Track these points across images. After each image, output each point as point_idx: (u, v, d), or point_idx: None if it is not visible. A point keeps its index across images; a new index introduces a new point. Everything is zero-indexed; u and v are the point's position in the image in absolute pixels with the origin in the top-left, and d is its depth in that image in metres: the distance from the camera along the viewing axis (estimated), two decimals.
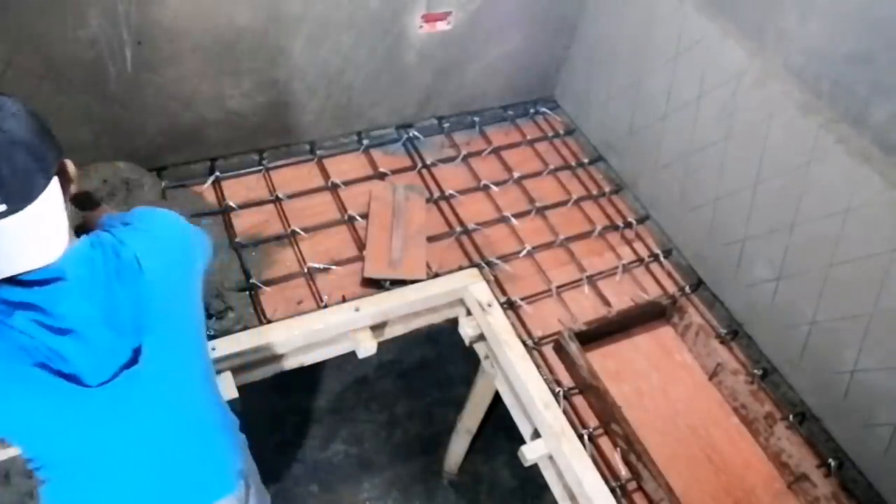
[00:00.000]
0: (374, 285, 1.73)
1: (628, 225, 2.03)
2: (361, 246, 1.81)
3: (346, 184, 1.97)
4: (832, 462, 1.55)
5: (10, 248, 0.87)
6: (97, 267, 0.95)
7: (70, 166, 0.99)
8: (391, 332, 1.80)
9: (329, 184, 1.96)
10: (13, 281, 0.90)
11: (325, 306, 1.65)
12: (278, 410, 2.55)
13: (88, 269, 0.94)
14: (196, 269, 1.12)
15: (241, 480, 1.28)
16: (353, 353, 1.72)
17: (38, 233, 0.89)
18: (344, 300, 1.67)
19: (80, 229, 1.31)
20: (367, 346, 1.68)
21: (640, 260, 1.94)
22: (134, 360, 1.00)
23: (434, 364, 2.84)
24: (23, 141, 0.88)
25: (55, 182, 0.92)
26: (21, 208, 0.86)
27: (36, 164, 0.89)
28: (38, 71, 1.54)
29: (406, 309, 1.72)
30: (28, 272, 0.90)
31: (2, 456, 1.48)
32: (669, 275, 1.93)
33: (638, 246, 1.99)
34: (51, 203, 0.90)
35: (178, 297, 1.07)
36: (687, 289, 1.88)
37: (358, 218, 1.88)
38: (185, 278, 1.09)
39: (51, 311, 0.92)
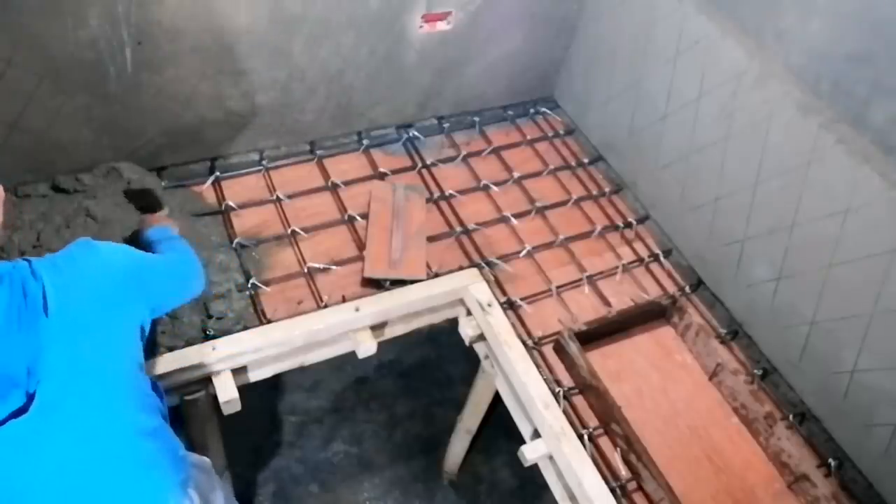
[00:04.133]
0: (374, 285, 1.73)
1: (628, 225, 2.03)
2: (361, 246, 1.81)
3: (346, 184, 1.97)
4: (832, 462, 1.55)
5: None
6: (2, 305, 0.92)
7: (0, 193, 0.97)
8: (391, 332, 1.80)
9: (329, 184, 1.96)
10: None
11: (325, 306, 1.65)
12: (278, 410, 2.55)
13: None
14: (133, 309, 1.06)
15: None
16: (353, 353, 1.72)
17: None
18: (344, 300, 1.67)
19: (134, 234, 1.31)
20: (367, 346, 1.68)
21: (640, 260, 1.94)
22: (24, 408, 0.94)
23: (434, 364, 2.83)
24: None
25: None
26: None
27: None
28: (38, 71, 1.54)
29: (406, 309, 1.72)
30: None
31: None
32: (669, 275, 1.93)
33: (638, 246, 1.99)
34: None
35: (94, 340, 1.01)
36: (687, 289, 1.88)
37: (358, 218, 1.88)
38: (110, 320, 1.02)
39: None
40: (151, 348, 1.47)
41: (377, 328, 1.73)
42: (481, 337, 1.75)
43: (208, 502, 1.29)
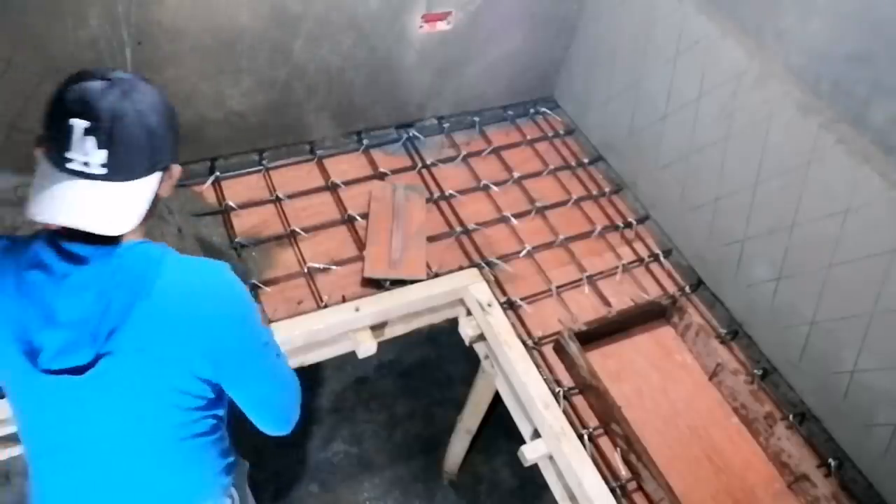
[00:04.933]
0: (374, 285, 1.73)
1: (628, 225, 2.03)
2: (361, 246, 1.81)
3: (346, 184, 1.97)
4: (832, 462, 1.55)
5: (87, 206, 0.92)
6: (120, 272, 0.98)
7: (176, 172, 1.05)
8: (391, 332, 1.80)
9: (329, 184, 1.96)
10: (58, 245, 0.96)
11: (325, 306, 1.65)
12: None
13: (114, 269, 0.98)
14: (206, 352, 1.06)
15: None
16: (353, 353, 1.72)
17: (115, 209, 0.94)
18: (344, 300, 1.67)
19: None
20: (367, 346, 1.68)
21: (640, 260, 1.94)
22: (84, 369, 0.99)
23: (434, 364, 2.84)
24: (149, 127, 0.95)
25: (157, 176, 0.99)
26: (116, 180, 0.94)
27: (150, 154, 0.96)
28: (38, 71, 1.54)
29: (406, 309, 1.72)
30: (72, 244, 0.96)
31: (2, 456, 1.48)
32: (669, 275, 1.93)
33: (638, 246, 1.99)
34: (142, 191, 0.97)
35: (165, 347, 1.03)
36: (687, 289, 1.88)
37: (358, 218, 1.88)
38: (184, 343, 1.04)
39: (58, 286, 0.96)
40: None
41: (377, 328, 1.73)
42: (481, 337, 1.75)
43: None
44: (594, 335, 1.73)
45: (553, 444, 1.52)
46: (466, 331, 1.75)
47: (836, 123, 1.47)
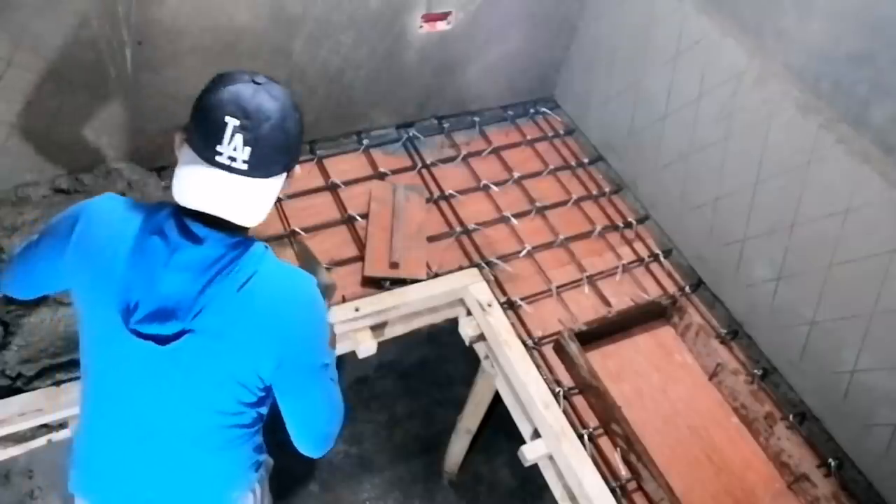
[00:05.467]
0: (374, 285, 1.73)
1: (628, 225, 2.03)
2: (361, 246, 1.81)
3: (346, 184, 1.97)
4: (832, 462, 1.55)
5: (229, 197, 1.01)
6: (224, 259, 1.05)
7: (297, 172, 1.13)
8: (391, 332, 1.80)
9: (329, 184, 1.96)
10: (181, 220, 1.03)
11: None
12: (278, 410, 2.54)
13: (221, 255, 1.04)
14: (272, 357, 1.12)
15: None
16: (353, 353, 1.72)
17: (251, 203, 1.03)
18: (344, 300, 1.67)
19: None
20: (367, 346, 1.68)
21: (640, 260, 1.94)
22: (166, 340, 1.05)
23: (434, 364, 2.83)
24: (285, 131, 1.03)
25: (284, 176, 1.07)
26: (255, 177, 1.01)
27: (285, 154, 1.05)
28: (38, 71, 1.54)
29: (406, 309, 1.72)
30: (194, 223, 1.03)
31: (2, 456, 1.48)
32: (669, 275, 1.93)
33: (638, 246, 1.99)
34: (273, 188, 1.05)
35: (240, 342, 1.09)
36: (687, 289, 1.88)
37: (358, 218, 1.88)
38: (256, 345, 1.10)
39: (171, 256, 1.03)
40: None
41: (377, 328, 1.73)
42: (481, 337, 1.75)
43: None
44: (594, 335, 1.73)
45: (553, 444, 1.52)
46: (466, 331, 1.75)
47: (836, 123, 1.47)
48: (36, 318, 1.50)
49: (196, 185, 1.00)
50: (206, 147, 0.99)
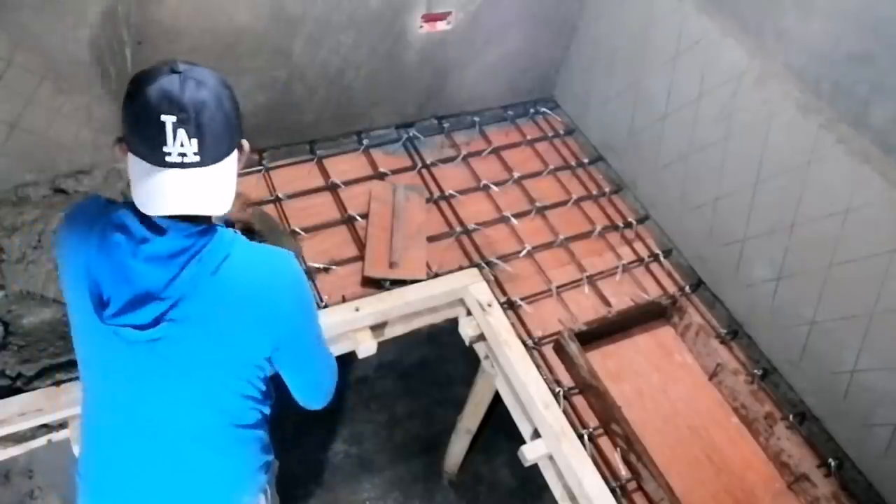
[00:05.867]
0: (374, 285, 1.73)
1: (628, 225, 2.03)
2: (361, 246, 1.81)
3: (346, 184, 1.97)
4: (832, 462, 1.55)
5: (193, 193, 0.99)
6: (194, 247, 1.04)
7: (246, 147, 1.11)
8: (391, 332, 1.80)
9: (329, 184, 1.96)
10: (143, 215, 1.01)
11: (326, 306, 1.65)
12: (278, 410, 2.54)
13: (188, 244, 1.04)
14: (268, 333, 1.14)
15: None
16: (353, 353, 1.72)
17: (215, 190, 1.01)
18: (344, 300, 1.67)
19: None
20: (367, 346, 1.68)
21: (640, 260, 1.94)
22: (146, 326, 1.05)
23: (434, 364, 2.84)
24: (224, 110, 1.01)
25: (235, 154, 1.06)
26: (210, 164, 1.00)
27: (231, 133, 1.03)
28: (38, 71, 1.54)
29: (406, 309, 1.72)
30: (157, 216, 1.01)
31: (2, 456, 1.48)
32: (669, 275, 1.93)
33: (638, 246, 1.99)
34: (230, 170, 1.04)
35: (225, 326, 1.10)
36: (687, 289, 1.88)
37: (358, 218, 1.88)
38: (248, 325, 1.11)
39: (136, 250, 1.03)
40: None
41: (377, 328, 1.73)
42: (481, 337, 1.75)
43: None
44: (594, 335, 1.73)
45: (553, 444, 1.52)
46: (466, 331, 1.75)
47: (836, 123, 1.47)
48: (36, 318, 1.50)
49: (157, 192, 0.98)
50: (152, 152, 0.97)
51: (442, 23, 1.96)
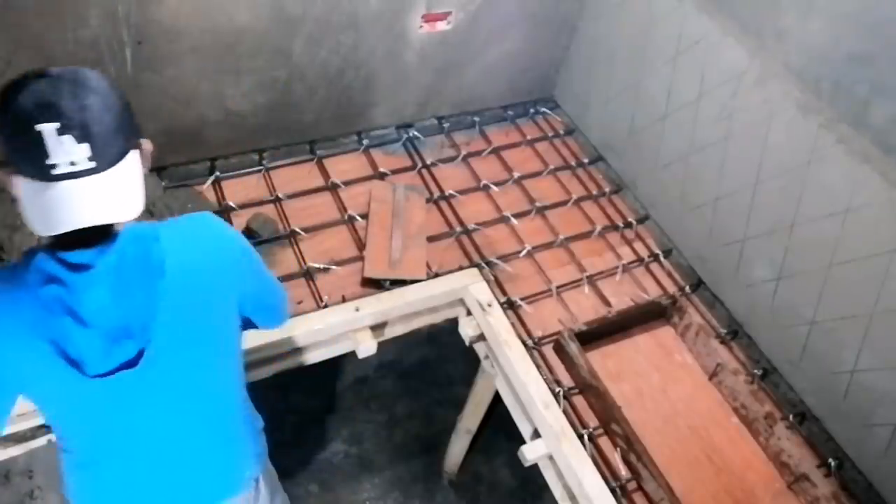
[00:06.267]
0: (374, 285, 1.73)
1: (628, 225, 2.03)
2: (361, 246, 1.81)
3: (346, 184, 1.97)
4: (832, 462, 1.55)
5: (95, 202, 0.91)
6: (126, 262, 0.98)
7: (147, 145, 1.04)
8: (391, 332, 1.80)
9: (329, 184, 1.96)
10: (58, 258, 0.94)
11: (325, 306, 1.65)
12: (278, 410, 2.55)
13: (118, 262, 0.97)
14: (235, 284, 1.14)
15: (251, 486, 1.31)
16: (353, 353, 1.72)
17: (119, 195, 0.94)
18: (344, 300, 1.67)
19: None
20: (367, 346, 1.68)
21: (640, 260, 1.94)
22: (135, 361, 1.01)
23: (434, 364, 2.84)
24: (112, 108, 0.93)
25: (135, 154, 0.99)
26: (107, 168, 0.92)
27: (123, 129, 0.95)
28: None
29: (406, 309, 1.72)
30: (70, 253, 0.94)
31: (2, 456, 1.48)
32: (669, 275, 1.93)
33: (638, 246, 1.99)
34: (132, 170, 0.97)
35: (200, 308, 1.08)
36: (687, 289, 1.88)
37: (358, 218, 1.88)
38: (217, 290, 1.10)
39: (76, 294, 0.95)
40: None
41: (377, 328, 1.73)
42: (481, 337, 1.75)
43: (269, 475, 1.40)
44: (594, 335, 1.73)
45: (553, 444, 1.52)
46: (466, 331, 1.75)
47: (836, 123, 1.47)
48: None
49: (54, 208, 0.89)
50: (37, 168, 0.87)
51: (442, 23, 1.96)
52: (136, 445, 1.13)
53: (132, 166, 0.97)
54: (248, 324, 1.27)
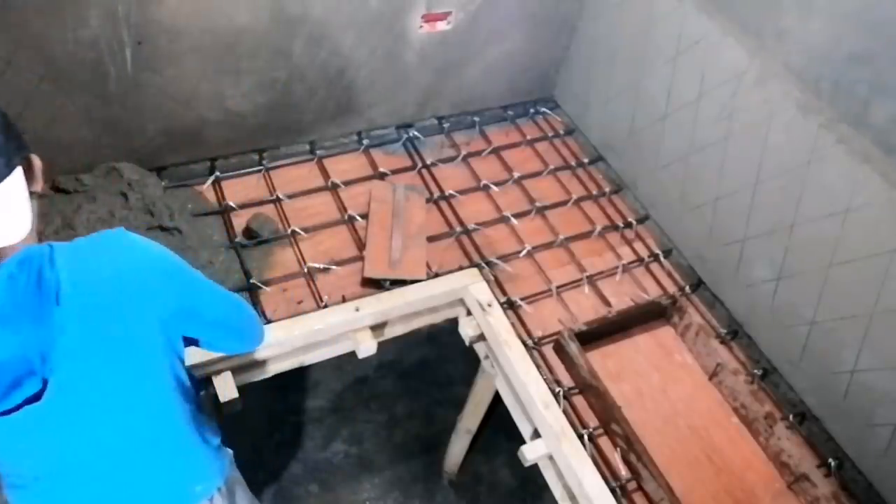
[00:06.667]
0: (374, 285, 1.73)
1: (628, 225, 2.03)
2: (361, 246, 1.81)
3: (346, 184, 1.97)
4: (832, 462, 1.55)
5: None
6: (17, 291, 0.92)
7: (36, 161, 0.99)
8: (391, 332, 1.80)
9: (329, 184, 1.96)
10: None
11: (325, 306, 1.65)
12: (278, 410, 2.55)
13: (7, 292, 0.92)
14: (155, 301, 1.05)
15: (204, 500, 1.26)
16: (353, 353, 1.72)
17: (2, 215, 0.90)
18: (344, 300, 1.67)
19: None
20: (367, 346, 1.68)
21: (640, 260, 1.94)
22: (39, 395, 0.96)
23: (434, 364, 2.84)
24: None
25: (19, 171, 0.93)
26: None
27: (3, 149, 0.89)
28: (38, 71, 1.54)
29: (406, 309, 1.72)
30: None
31: None
32: (669, 275, 1.93)
33: (638, 246, 1.99)
34: (15, 190, 0.92)
35: (111, 330, 1.00)
36: (687, 289, 1.88)
37: (358, 218, 1.88)
38: (131, 309, 1.02)
39: None
40: None
41: (377, 328, 1.73)
42: (481, 337, 1.75)
43: (234, 494, 1.33)
44: (594, 335, 1.73)
45: (553, 444, 1.52)
46: (466, 331, 1.75)
47: (836, 123, 1.47)
48: None
49: None
50: None
51: (442, 23, 1.96)
52: (61, 470, 1.08)
53: (15, 186, 0.91)
54: (207, 343, 1.21)
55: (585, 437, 1.53)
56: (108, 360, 1.01)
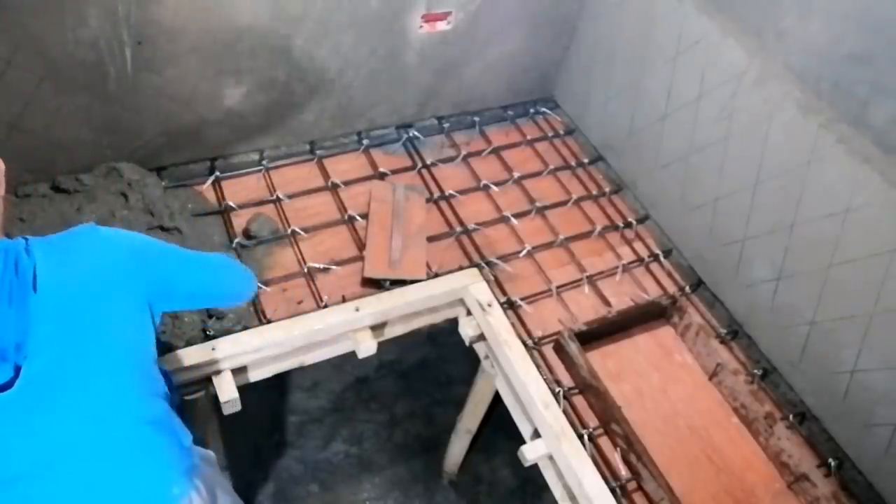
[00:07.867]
0: (374, 285, 1.73)
1: (628, 225, 2.03)
2: (361, 246, 1.81)
3: (346, 184, 1.97)
4: (832, 462, 1.55)
5: None
6: None
7: (0, 165, 0.99)
8: (391, 332, 1.80)
9: (329, 184, 1.96)
10: None
11: (325, 306, 1.65)
12: (278, 410, 2.55)
13: None
14: (136, 286, 1.06)
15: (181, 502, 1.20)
16: (353, 353, 1.72)
17: None
18: (344, 300, 1.67)
19: None
20: (367, 346, 1.68)
21: (640, 260, 1.94)
22: (10, 383, 0.94)
23: (434, 364, 2.83)
24: None
25: None
26: None
27: None
28: (38, 71, 1.54)
29: (406, 309, 1.72)
30: None
31: None
32: (669, 275, 1.93)
33: (638, 246, 1.99)
34: None
35: (90, 318, 1.00)
36: (687, 289, 1.88)
37: (358, 218, 1.88)
38: (110, 299, 1.02)
39: None
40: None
41: (377, 328, 1.73)
42: (481, 337, 1.75)
43: (213, 495, 1.30)
44: (594, 335, 1.73)
45: (553, 444, 1.52)
46: (466, 331, 1.75)
47: (836, 123, 1.47)
48: None
49: None
50: None
51: (442, 23, 1.96)
52: (30, 467, 1.03)
53: None
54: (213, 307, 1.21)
55: (585, 437, 1.53)
56: (81, 353, 1.01)
